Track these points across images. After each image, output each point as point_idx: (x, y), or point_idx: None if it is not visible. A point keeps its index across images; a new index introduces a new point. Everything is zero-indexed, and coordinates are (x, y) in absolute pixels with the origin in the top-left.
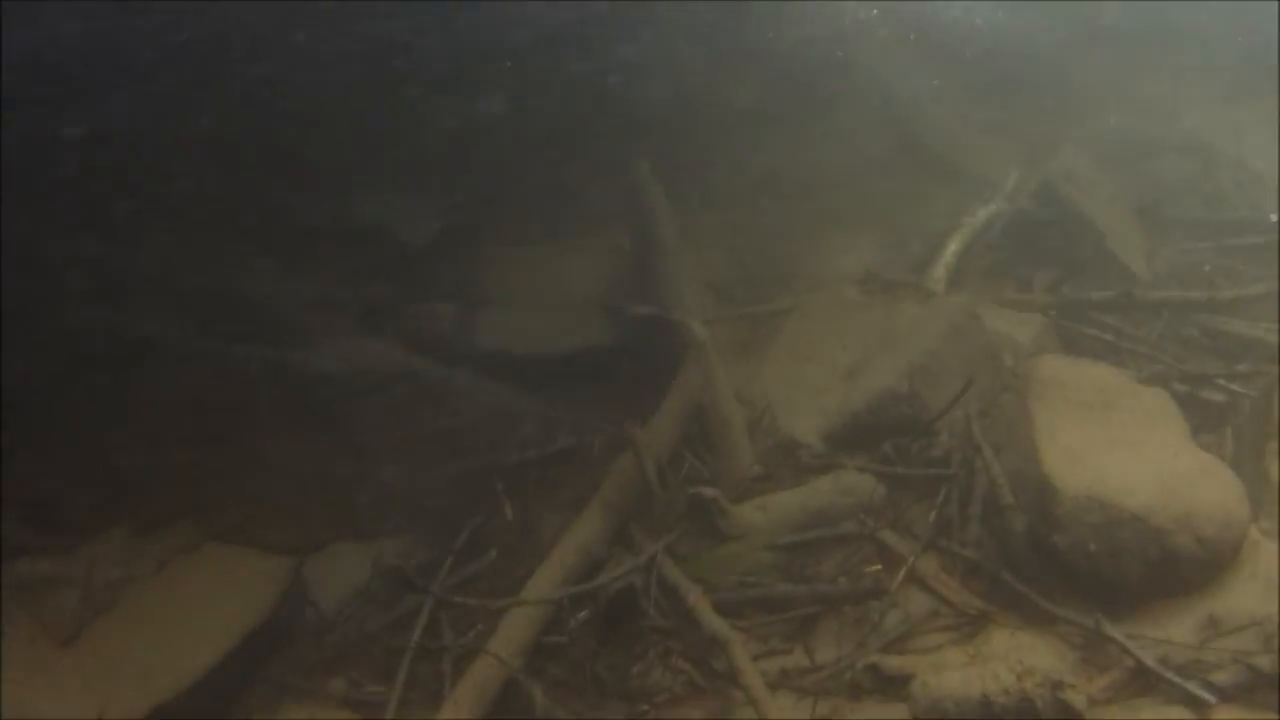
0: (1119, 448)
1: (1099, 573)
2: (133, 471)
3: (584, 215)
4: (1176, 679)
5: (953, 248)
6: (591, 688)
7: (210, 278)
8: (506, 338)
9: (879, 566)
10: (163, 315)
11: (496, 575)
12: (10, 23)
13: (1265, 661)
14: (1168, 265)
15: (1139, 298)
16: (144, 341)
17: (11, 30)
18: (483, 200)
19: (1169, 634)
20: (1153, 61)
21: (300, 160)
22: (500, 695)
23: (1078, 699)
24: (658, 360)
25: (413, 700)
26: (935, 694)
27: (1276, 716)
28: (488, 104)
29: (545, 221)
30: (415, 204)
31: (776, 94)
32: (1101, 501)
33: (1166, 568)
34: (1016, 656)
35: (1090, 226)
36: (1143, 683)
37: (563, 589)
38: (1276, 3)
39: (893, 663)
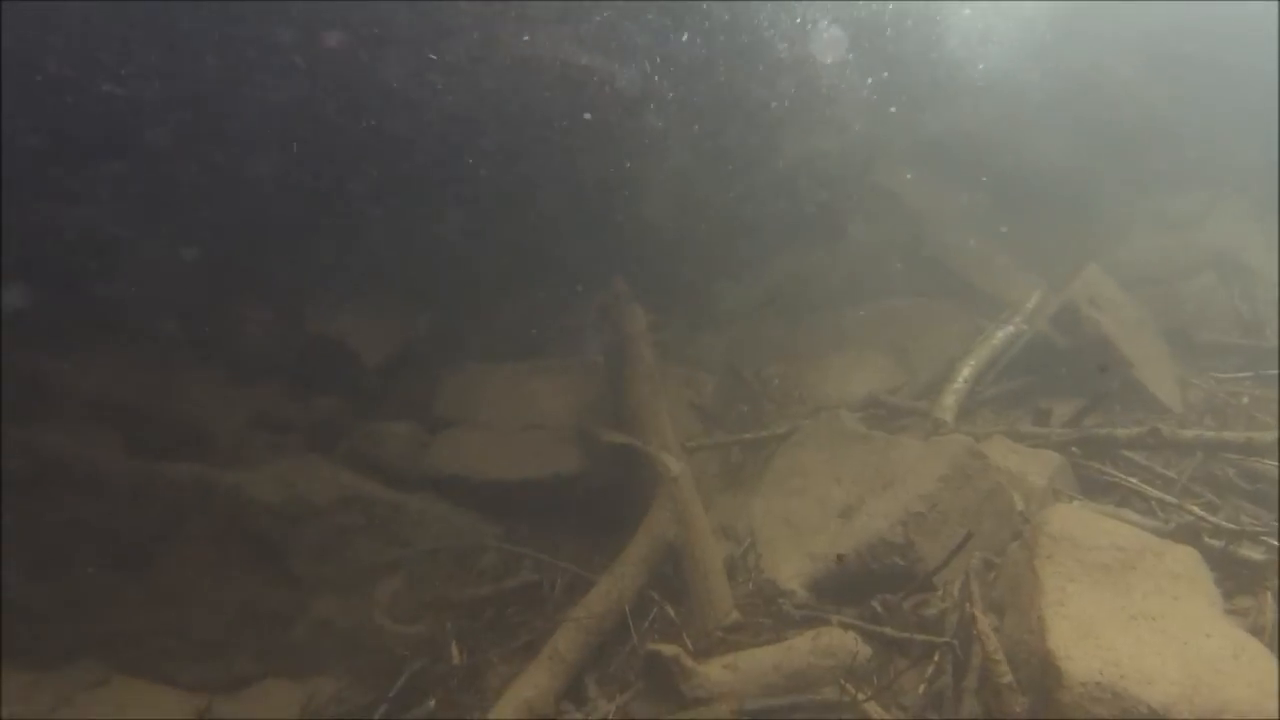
0: (1138, 622)
1: None
2: (34, 601)
3: (560, 333)
4: None
5: (965, 373)
6: None
7: (144, 390)
8: (466, 462)
9: None
10: (84, 430)
11: None
12: None
13: None
14: (1202, 396)
15: (1168, 436)
16: (56, 459)
17: None
18: (450, 314)
19: None
20: (1180, 174)
21: (256, 268)
22: None
23: None
24: (633, 492)
25: None
26: None
27: None
28: (460, 211)
29: (517, 338)
30: (375, 316)
31: (785, 207)
32: (1114, 690)
33: None
34: None
35: (1116, 353)
36: None
37: None
38: None
39: None
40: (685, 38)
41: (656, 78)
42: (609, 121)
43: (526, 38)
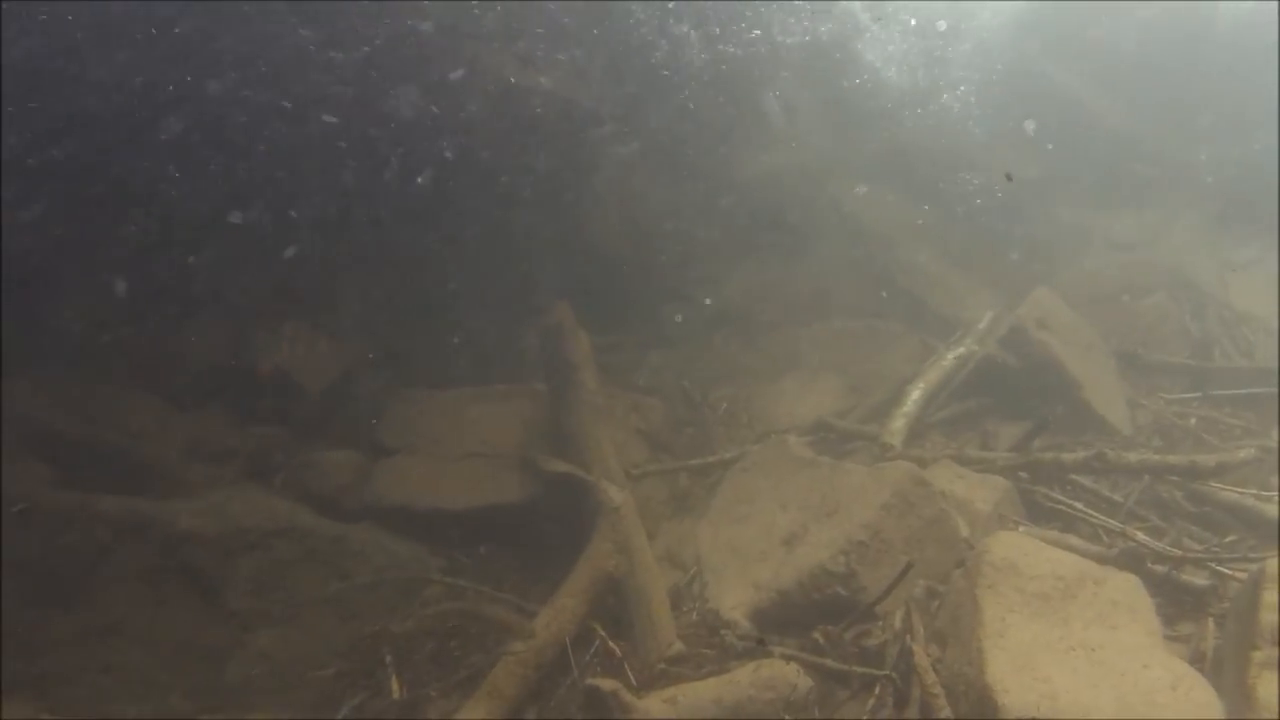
0: (1076, 653)
1: None
2: None
3: (506, 358)
4: None
5: (914, 396)
6: None
7: (76, 418)
8: (409, 491)
9: None
10: (10, 459)
11: None
12: None
13: None
14: (1151, 418)
15: (1114, 460)
16: None
17: None
18: (393, 340)
19: None
20: (1132, 193)
21: (195, 292)
22: None
23: None
24: (577, 521)
25: None
26: None
27: None
28: (404, 235)
29: (461, 364)
30: (317, 342)
31: (741, 226)
32: None
33: None
34: None
35: (1065, 375)
36: None
37: None
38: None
39: None
40: (638, 55)
41: (606, 97)
42: (556, 141)
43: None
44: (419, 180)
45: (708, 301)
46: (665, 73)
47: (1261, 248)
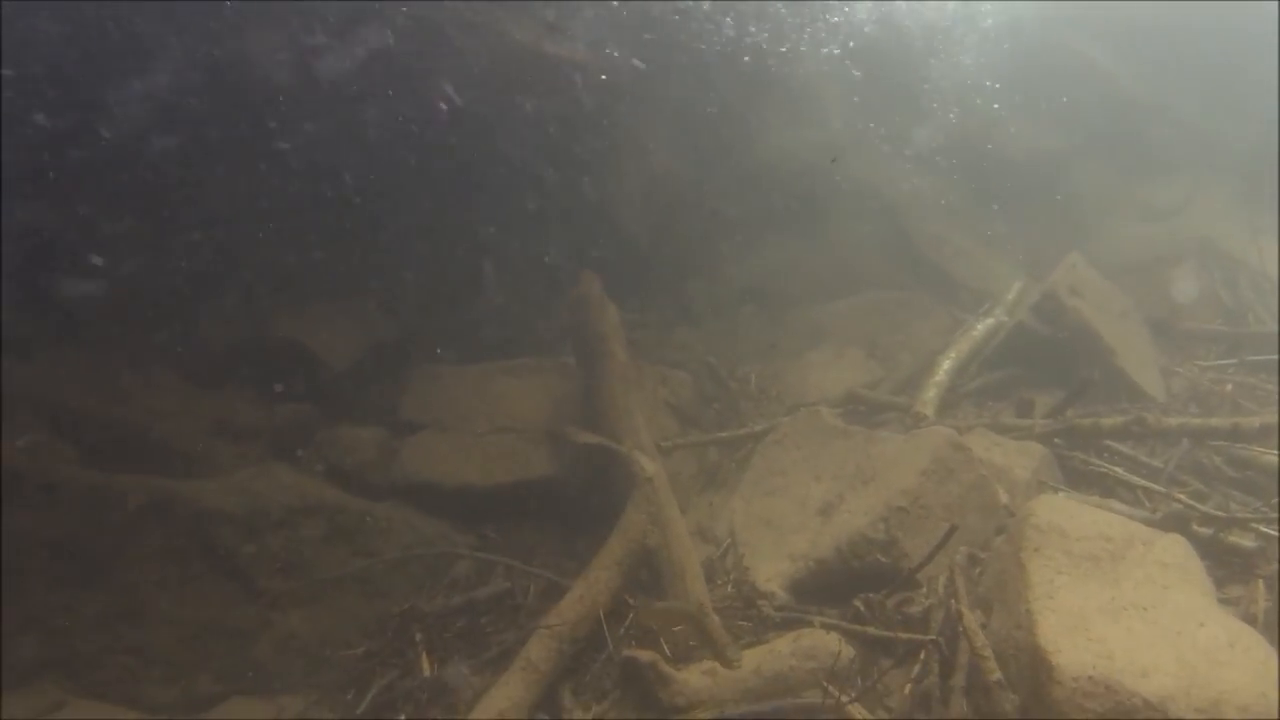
0: (1129, 613)
1: None
2: None
3: (532, 332)
4: None
5: (945, 367)
6: None
7: (101, 397)
8: (436, 468)
9: None
10: (36, 439)
11: None
12: None
13: None
14: (1186, 385)
15: (1153, 424)
16: (6, 470)
17: None
18: (418, 315)
19: None
20: (1161, 161)
21: (217, 270)
22: None
23: None
24: (607, 494)
25: None
26: None
27: None
28: (429, 209)
29: (487, 338)
30: (340, 318)
31: (766, 201)
32: (1108, 684)
33: None
34: None
35: (1098, 343)
36: None
37: None
38: None
39: None
40: (661, 31)
41: (630, 72)
42: (582, 116)
43: (503, 28)
44: (445, 158)
45: (732, 278)
46: (690, 45)
47: None
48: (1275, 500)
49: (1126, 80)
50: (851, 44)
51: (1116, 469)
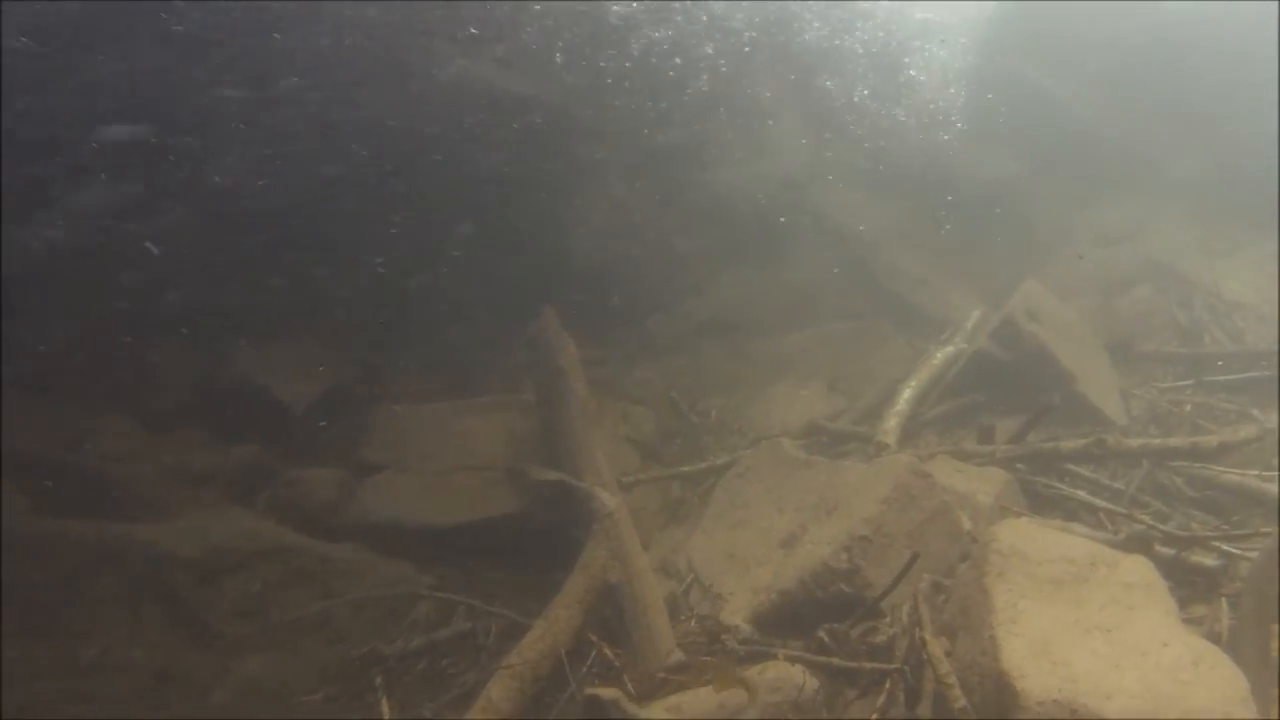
0: (1094, 635)
1: None
2: None
3: (493, 369)
4: None
5: (906, 395)
6: None
7: (54, 443)
8: (396, 508)
9: None
10: None
11: None
12: None
13: None
14: (1145, 407)
15: (1114, 446)
16: None
17: None
18: (377, 354)
19: None
20: (1113, 189)
21: (173, 311)
22: None
23: None
24: (570, 531)
25: None
26: None
27: None
28: (387, 247)
29: (448, 377)
30: (299, 359)
31: (724, 234)
32: (1072, 708)
33: None
34: None
35: (1057, 367)
36: None
37: None
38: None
39: None
40: (618, 62)
41: (585, 102)
42: (537, 151)
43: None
44: (401, 194)
45: (692, 312)
46: (644, 78)
47: (1243, 237)
48: (1235, 518)
49: (1079, 109)
50: (808, 75)
51: (1078, 492)
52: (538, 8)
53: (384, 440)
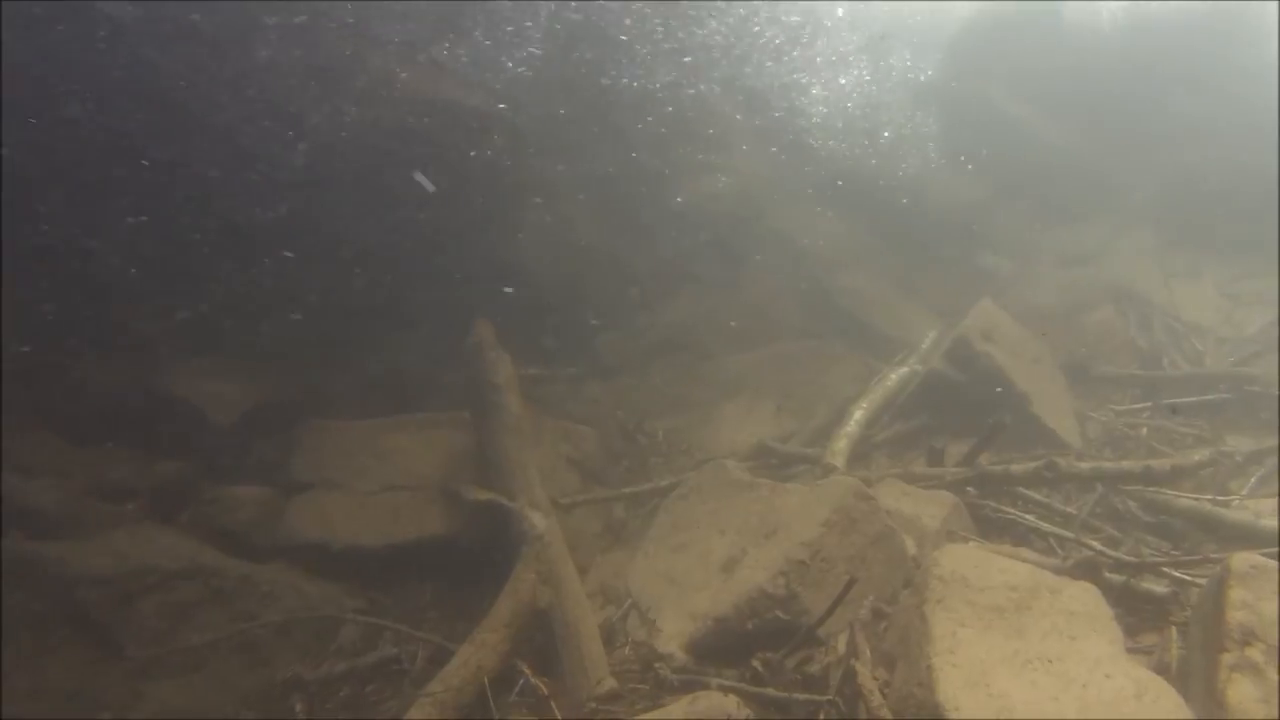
0: (1034, 666)
1: None
2: None
3: (430, 385)
4: None
5: (857, 416)
6: None
7: None
8: (324, 527)
9: None
10: None
11: None
12: None
13: None
14: (1101, 430)
15: (1065, 469)
16: None
17: None
18: (310, 368)
19: None
20: (1074, 212)
21: (96, 321)
22: None
23: None
24: (504, 552)
25: None
26: None
27: None
28: (322, 258)
29: (383, 392)
30: (227, 372)
31: (680, 252)
32: None
33: None
34: None
35: (1012, 389)
36: None
37: None
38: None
39: None
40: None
41: (530, 112)
42: (487, 163)
43: (404, 74)
44: (337, 205)
45: (644, 330)
46: (600, 86)
47: (1202, 259)
48: (1188, 544)
49: (1042, 133)
50: (766, 90)
51: (1028, 516)
52: (478, 10)
53: (314, 457)
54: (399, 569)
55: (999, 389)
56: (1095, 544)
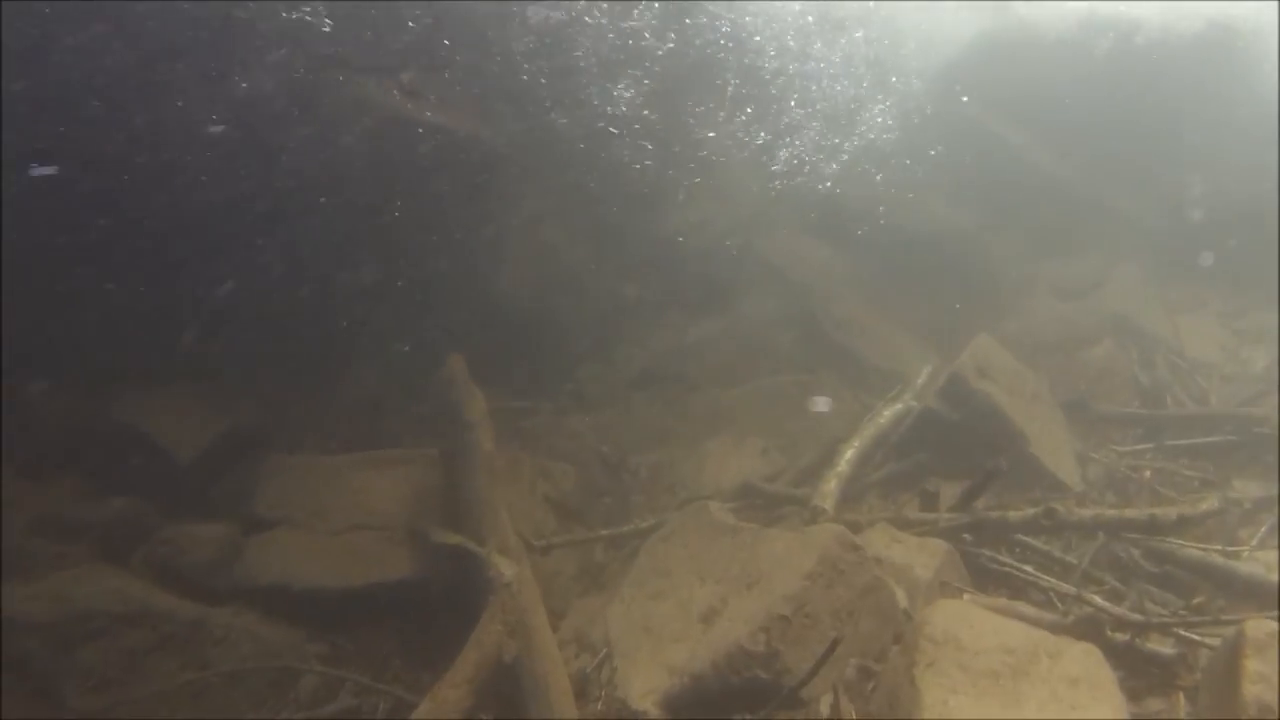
0: None
1: None
2: None
3: (404, 420)
4: None
5: (848, 456)
6: None
7: None
8: (286, 568)
9: None
10: None
11: None
12: None
13: None
14: (1103, 472)
15: (1065, 517)
16: None
17: None
18: (278, 400)
19: None
20: (1073, 241)
21: (50, 348)
22: None
23: None
24: (473, 597)
25: None
26: None
27: None
28: (294, 283)
29: (355, 427)
30: (189, 403)
31: (667, 282)
32: None
33: None
34: None
35: (1009, 427)
36: None
37: None
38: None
39: None
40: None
41: (510, 134)
42: (455, 184)
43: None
44: (306, 231)
45: (629, 362)
46: (579, 109)
47: (1205, 292)
48: (1197, 600)
49: (1039, 160)
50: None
51: (1026, 567)
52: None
53: (278, 494)
54: (363, 612)
55: (996, 427)
56: (1097, 599)
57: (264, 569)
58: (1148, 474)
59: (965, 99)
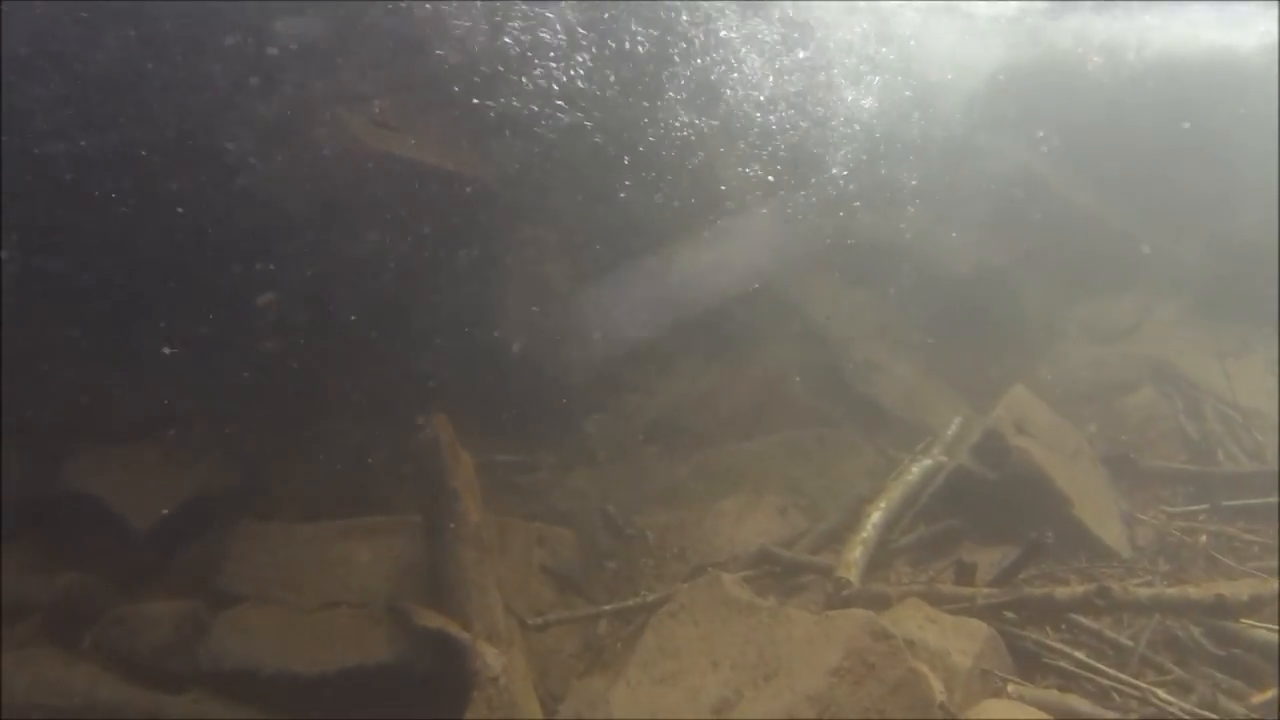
0: None
1: None
2: None
3: (390, 483)
4: None
5: (874, 519)
6: None
7: None
8: (253, 651)
9: None
10: None
11: None
12: None
13: None
14: (1153, 536)
15: (1119, 597)
16: None
17: None
18: (250, 462)
19: None
20: (1110, 278)
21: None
22: None
23: None
24: (459, 682)
25: None
26: None
27: None
28: (267, 333)
29: (335, 491)
30: (150, 467)
31: (680, 327)
32: None
33: None
34: None
35: (1050, 489)
36: None
37: None
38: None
39: None
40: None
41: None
42: (458, 227)
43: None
44: (279, 270)
45: (636, 413)
46: (572, 140)
47: (1252, 335)
48: (1271, 692)
49: (1072, 194)
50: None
51: (1076, 653)
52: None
53: (248, 566)
54: (337, 700)
55: (1036, 489)
56: (1161, 694)
57: (229, 651)
58: (1203, 539)
59: (990, 131)
